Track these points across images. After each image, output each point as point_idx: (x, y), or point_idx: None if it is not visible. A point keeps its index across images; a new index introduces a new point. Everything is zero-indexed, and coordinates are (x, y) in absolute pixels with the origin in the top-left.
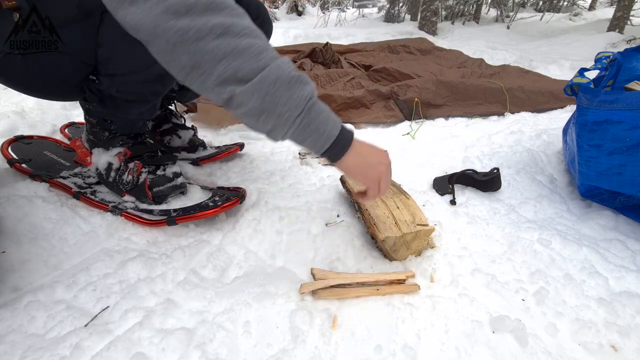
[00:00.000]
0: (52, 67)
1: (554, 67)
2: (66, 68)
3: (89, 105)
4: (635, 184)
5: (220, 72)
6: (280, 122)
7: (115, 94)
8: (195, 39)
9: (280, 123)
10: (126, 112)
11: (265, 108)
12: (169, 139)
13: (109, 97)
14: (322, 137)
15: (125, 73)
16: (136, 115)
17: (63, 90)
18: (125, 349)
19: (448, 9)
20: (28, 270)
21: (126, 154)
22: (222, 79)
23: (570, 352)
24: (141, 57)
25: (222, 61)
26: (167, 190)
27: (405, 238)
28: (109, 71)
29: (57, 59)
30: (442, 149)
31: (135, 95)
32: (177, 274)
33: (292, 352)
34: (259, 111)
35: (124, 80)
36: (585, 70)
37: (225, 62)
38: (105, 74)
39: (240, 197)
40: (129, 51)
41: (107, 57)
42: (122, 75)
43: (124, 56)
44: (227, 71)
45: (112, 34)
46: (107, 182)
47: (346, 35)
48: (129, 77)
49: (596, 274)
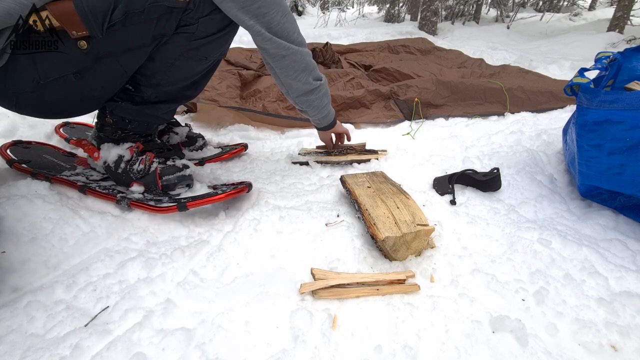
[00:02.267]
0: (99, 86)
1: (554, 67)
2: (112, 82)
3: (119, 102)
4: (635, 184)
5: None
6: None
7: (153, 99)
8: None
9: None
10: (155, 111)
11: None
12: (167, 137)
13: (143, 101)
14: (325, 118)
15: (170, 83)
16: (163, 113)
17: (94, 105)
18: (125, 349)
19: (448, 9)
20: (28, 270)
21: (139, 147)
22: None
23: (570, 352)
24: (189, 70)
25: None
26: (176, 179)
27: (405, 238)
28: (153, 82)
29: (110, 77)
30: (442, 149)
31: (170, 98)
32: (177, 274)
33: (292, 352)
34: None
35: (167, 89)
36: (585, 70)
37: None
38: (148, 84)
39: (248, 185)
40: (181, 66)
41: (156, 70)
42: (167, 85)
43: (175, 70)
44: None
45: (174, 52)
46: (115, 173)
47: (346, 35)
48: (172, 86)
49: (596, 274)
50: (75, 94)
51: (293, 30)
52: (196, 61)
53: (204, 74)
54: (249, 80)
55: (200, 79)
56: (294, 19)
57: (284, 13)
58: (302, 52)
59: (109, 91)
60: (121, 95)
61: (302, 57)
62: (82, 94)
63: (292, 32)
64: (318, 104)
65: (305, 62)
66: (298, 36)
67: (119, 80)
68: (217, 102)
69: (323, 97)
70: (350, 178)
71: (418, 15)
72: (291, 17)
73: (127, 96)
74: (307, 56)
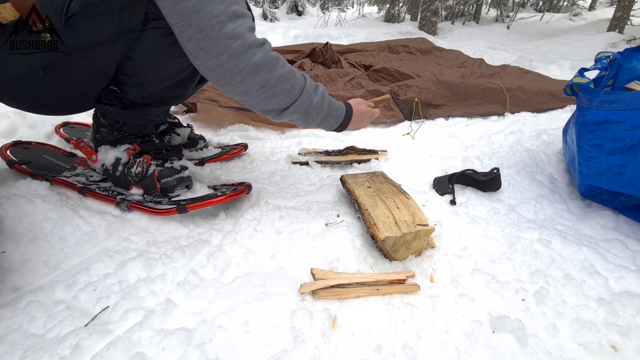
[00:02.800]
0: (73, 81)
1: (554, 67)
2: (88, 80)
3: (108, 107)
4: (635, 184)
5: (262, 106)
6: (304, 125)
7: (139, 101)
8: (244, 90)
9: (305, 125)
10: (146, 114)
11: (294, 120)
12: (168, 138)
13: (131, 103)
14: (330, 128)
15: (153, 83)
16: (154, 116)
17: (78, 103)
18: (125, 349)
19: (448, 9)
20: (28, 270)
21: (135, 149)
22: (264, 110)
23: (570, 352)
24: (170, 68)
25: (263, 101)
26: (174, 181)
27: (405, 238)
28: (136, 82)
29: (81, 74)
30: (442, 149)
31: (157, 99)
32: (177, 274)
33: (292, 352)
34: (289, 121)
35: (151, 90)
36: (585, 70)
37: (266, 101)
38: (131, 84)
39: (248, 187)
40: (161, 64)
41: (136, 70)
42: (150, 85)
43: (156, 68)
44: (267, 105)
45: (150, 50)
46: (113, 176)
47: (346, 35)
48: (156, 86)
49: (596, 274)
50: (50, 90)
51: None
52: (174, 58)
53: (190, 72)
54: None
55: (186, 78)
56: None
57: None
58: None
59: (88, 90)
60: (109, 97)
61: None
62: (57, 91)
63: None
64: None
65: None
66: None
67: (96, 79)
68: (217, 102)
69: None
70: (350, 178)
71: (418, 15)
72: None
73: (115, 98)
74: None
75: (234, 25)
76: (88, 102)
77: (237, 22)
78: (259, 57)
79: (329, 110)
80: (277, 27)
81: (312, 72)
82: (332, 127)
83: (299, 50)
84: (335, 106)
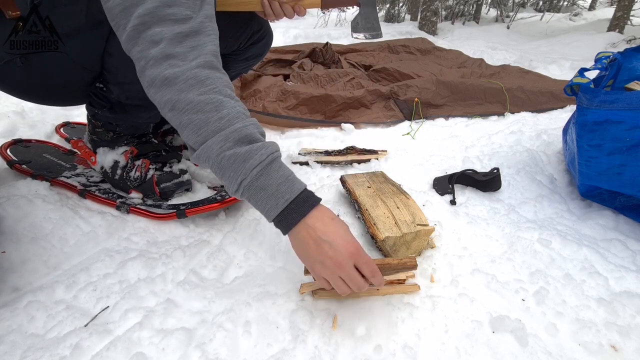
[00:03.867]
0: (52, 73)
1: (554, 67)
2: (67, 74)
3: (96, 111)
4: (635, 184)
5: (179, 132)
6: (226, 187)
7: (124, 100)
8: (159, 107)
9: (227, 187)
10: (134, 117)
11: (215, 171)
12: (170, 138)
13: (118, 103)
14: (264, 212)
15: (135, 81)
16: (144, 119)
17: (63, 95)
18: (125, 349)
19: (448, 9)
20: (28, 270)
21: (133, 152)
22: (185, 141)
23: (570, 352)
24: None
25: (177, 127)
26: (174, 186)
27: (405, 238)
28: (118, 80)
29: (58, 66)
30: (442, 149)
31: (145, 101)
32: (177, 274)
33: (292, 352)
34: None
35: (134, 88)
36: (585, 70)
37: (179, 129)
38: (114, 82)
39: None
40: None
41: (117, 67)
42: (132, 83)
43: (132, 65)
44: (182, 135)
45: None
46: (113, 179)
47: (346, 35)
48: (139, 85)
49: (596, 274)
50: (31, 79)
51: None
52: None
53: None
54: (249, 80)
55: None
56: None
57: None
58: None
59: (71, 83)
60: (97, 95)
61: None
62: (38, 81)
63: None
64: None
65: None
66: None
67: (76, 72)
68: None
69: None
70: (350, 178)
71: (418, 15)
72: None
73: (103, 97)
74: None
75: (160, 29)
76: (76, 96)
77: (168, 27)
78: (176, 70)
79: (263, 181)
80: (277, 27)
81: (312, 72)
82: (265, 209)
83: (299, 50)
84: (278, 179)
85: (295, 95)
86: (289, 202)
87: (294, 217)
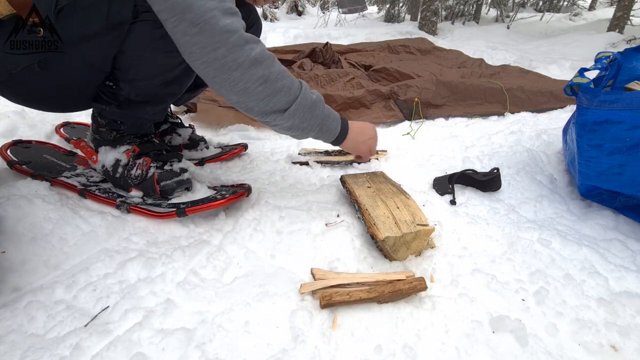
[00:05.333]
0: (68, 77)
1: (554, 67)
2: (83, 77)
3: (103, 107)
4: (635, 184)
5: (262, 107)
6: (303, 133)
7: (133, 97)
8: (243, 88)
9: (304, 134)
10: (142, 113)
11: (295, 125)
12: (169, 138)
13: (126, 100)
14: (330, 135)
15: (145, 78)
16: (150, 115)
17: (77, 99)
18: (125, 349)
19: (448, 9)
20: (28, 270)
21: (135, 150)
22: (264, 112)
23: (570, 352)
24: (163, 63)
25: (264, 100)
26: (174, 184)
27: (405, 238)
28: (129, 77)
29: (75, 69)
30: (442, 149)
31: (153, 97)
32: (177, 274)
33: (292, 352)
34: (289, 127)
35: (144, 85)
36: (585, 70)
37: (266, 100)
38: (125, 79)
39: (247, 190)
40: (153, 58)
41: (128, 64)
42: (142, 80)
43: (147, 63)
44: (268, 106)
45: (140, 43)
46: (113, 177)
47: (346, 35)
48: (149, 82)
49: (596, 274)
50: (47, 85)
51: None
52: (166, 53)
53: (183, 69)
54: None
55: (181, 75)
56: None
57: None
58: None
59: (86, 85)
60: (106, 93)
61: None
62: (55, 86)
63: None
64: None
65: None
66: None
67: (91, 74)
68: (217, 102)
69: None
70: (350, 178)
71: (418, 15)
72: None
73: (112, 95)
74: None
75: (230, 20)
76: (87, 98)
77: (233, 18)
78: (258, 51)
79: (327, 110)
80: (277, 27)
81: (312, 72)
82: (332, 131)
83: (299, 50)
84: (330, 109)
85: None
86: (341, 122)
87: (345, 129)
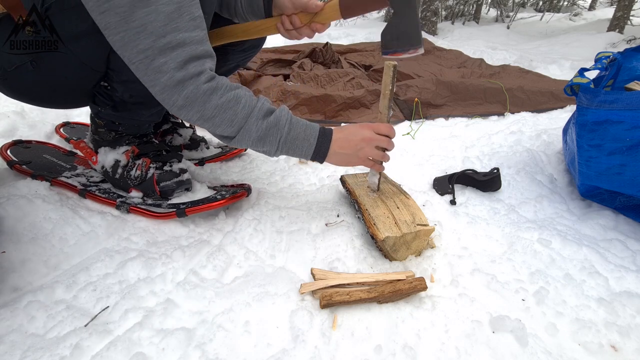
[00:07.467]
0: (61, 76)
1: (554, 67)
2: (76, 76)
3: (99, 109)
4: (635, 184)
5: (213, 132)
6: (269, 155)
7: (128, 99)
8: (188, 119)
9: (270, 155)
10: (137, 115)
11: (254, 149)
12: (170, 138)
13: (121, 102)
14: (302, 156)
15: (136, 79)
16: (146, 117)
17: (71, 97)
18: (125, 349)
19: (448, 9)
20: (28, 270)
21: (134, 151)
22: (215, 135)
23: (570, 352)
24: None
25: (210, 129)
26: (174, 185)
27: (405, 238)
28: (122, 78)
29: (67, 68)
30: (442, 149)
31: (147, 98)
32: (177, 274)
33: (292, 352)
34: (251, 148)
35: (138, 87)
36: (585, 70)
37: (212, 130)
38: (118, 80)
39: (247, 190)
40: None
41: (122, 65)
42: (135, 82)
43: None
44: (216, 132)
45: None
46: (113, 178)
47: (346, 35)
48: (140, 83)
49: (596, 274)
50: (41, 83)
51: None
52: None
53: None
54: (249, 80)
55: None
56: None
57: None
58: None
59: (80, 84)
60: (102, 94)
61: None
62: (48, 84)
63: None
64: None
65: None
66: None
67: (84, 73)
68: None
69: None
70: (350, 178)
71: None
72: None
73: (107, 96)
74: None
75: (164, 60)
76: (83, 97)
77: (170, 56)
78: (189, 90)
79: (295, 133)
80: None
81: (312, 72)
82: (304, 151)
83: (299, 50)
84: (302, 127)
85: (295, 95)
86: (317, 138)
87: (325, 145)
